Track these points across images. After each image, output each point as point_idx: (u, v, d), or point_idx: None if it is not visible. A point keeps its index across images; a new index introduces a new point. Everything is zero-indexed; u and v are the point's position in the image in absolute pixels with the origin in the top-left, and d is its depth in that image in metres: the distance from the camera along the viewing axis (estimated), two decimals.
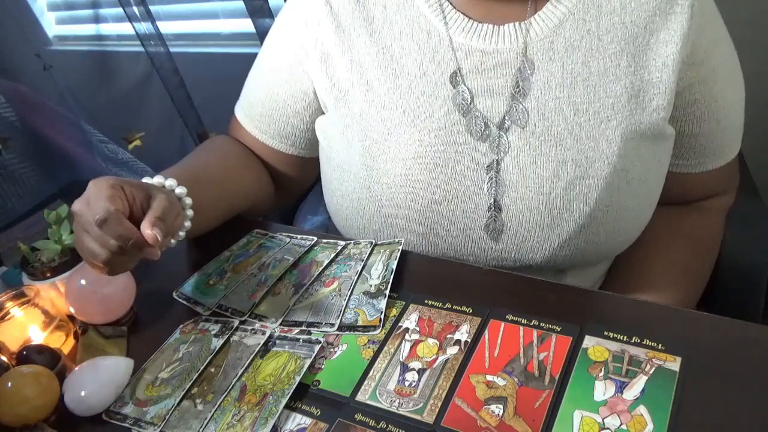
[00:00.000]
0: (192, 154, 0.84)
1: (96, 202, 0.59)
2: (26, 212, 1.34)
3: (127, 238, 0.58)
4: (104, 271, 0.60)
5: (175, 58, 1.71)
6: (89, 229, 0.58)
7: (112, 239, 0.57)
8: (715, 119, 0.73)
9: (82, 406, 0.61)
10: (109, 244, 0.58)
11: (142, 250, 0.59)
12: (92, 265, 0.61)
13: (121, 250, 0.58)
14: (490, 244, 0.71)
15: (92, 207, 0.59)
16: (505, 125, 0.68)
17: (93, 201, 0.59)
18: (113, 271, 0.60)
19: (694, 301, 0.77)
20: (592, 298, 0.65)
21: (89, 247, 0.59)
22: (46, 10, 2.07)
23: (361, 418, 0.54)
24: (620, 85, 0.66)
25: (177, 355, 0.65)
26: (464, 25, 0.69)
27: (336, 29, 0.73)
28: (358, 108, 0.73)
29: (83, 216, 0.59)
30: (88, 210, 0.59)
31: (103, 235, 0.57)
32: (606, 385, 0.52)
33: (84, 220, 0.59)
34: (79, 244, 0.61)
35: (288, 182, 0.90)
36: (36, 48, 1.97)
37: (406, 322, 0.63)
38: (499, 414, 0.52)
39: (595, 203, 0.67)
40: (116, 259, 0.59)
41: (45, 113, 1.63)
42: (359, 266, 0.69)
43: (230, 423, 0.56)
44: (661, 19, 0.66)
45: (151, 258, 0.60)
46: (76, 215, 0.60)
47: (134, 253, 0.59)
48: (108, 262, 0.59)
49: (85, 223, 0.59)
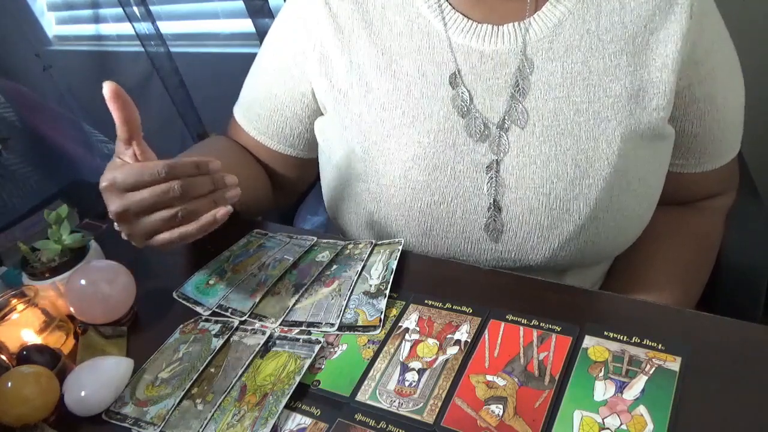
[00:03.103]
0: (186, 152, 0.84)
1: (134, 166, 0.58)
2: (26, 212, 1.34)
3: (205, 162, 0.58)
4: (175, 238, 0.59)
5: (175, 58, 1.71)
6: (149, 183, 0.57)
7: (177, 184, 0.57)
8: (714, 119, 0.73)
9: (82, 406, 0.61)
10: (176, 190, 0.57)
11: (224, 187, 0.60)
12: (160, 239, 0.59)
13: (196, 191, 0.58)
14: (490, 245, 0.71)
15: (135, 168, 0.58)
16: (505, 125, 0.68)
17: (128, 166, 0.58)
18: (189, 232, 0.59)
19: (694, 300, 0.77)
20: (592, 298, 0.65)
21: (156, 206, 0.58)
22: (46, 10, 2.07)
23: (361, 418, 0.55)
24: (620, 85, 0.66)
25: (177, 355, 0.65)
26: (463, 26, 0.69)
27: (335, 30, 0.73)
28: (357, 109, 0.73)
29: (131, 175, 0.57)
30: (137, 167, 0.58)
31: (171, 183, 0.57)
32: (606, 385, 0.52)
33: (136, 179, 0.57)
34: (138, 210, 0.58)
35: (287, 183, 0.90)
36: (36, 48, 1.97)
37: (406, 322, 0.63)
38: (499, 414, 0.52)
39: (595, 203, 0.67)
40: (192, 211, 0.59)
41: (45, 113, 1.63)
42: (359, 266, 0.69)
43: (230, 423, 0.56)
44: (661, 19, 0.66)
45: (233, 197, 0.61)
46: (116, 183, 0.58)
47: (209, 199, 0.60)
48: (186, 215, 0.58)
49: (141, 180, 0.57)
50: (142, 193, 0.58)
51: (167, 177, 0.58)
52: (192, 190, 0.59)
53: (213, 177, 0.61)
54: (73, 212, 0.84)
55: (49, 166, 1.55)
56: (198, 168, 0.60)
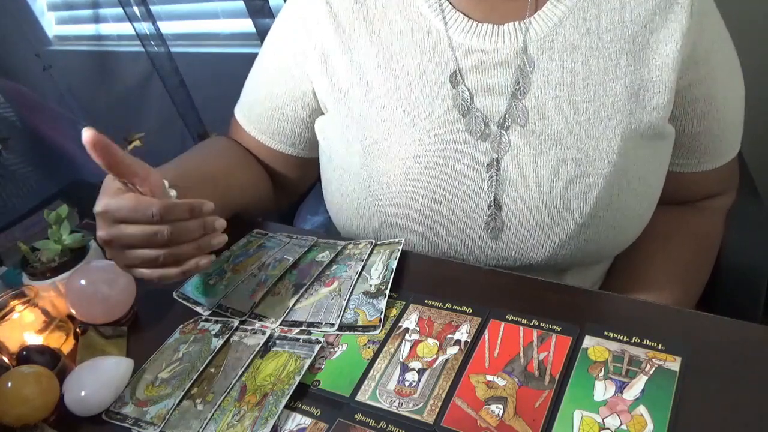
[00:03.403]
0: (186, 153, 0.84)
1: (132, 199, 0.58)
2: (26, 212, 1.34)
3: (199, 206, 0.59)
4: (154, 277, 0.60)
5: (175, 58, 1.71)
6: (140, 221, 0.57)
7: (167, 229, 0.57)
8: (714, 118, 0.73)
9: (82, 406, 0.61)
10: (164, 235, 0.57)
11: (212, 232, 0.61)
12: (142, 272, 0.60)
13: (184, 236, 0.59)
14: (490, 243, 0.71)
15: (130, 201, 0.58)
16: (506, 124, 0.68)
17: (124, 198, 0.58)
18: (169, 275, 0.60)
19: (693, 300, 0.77)
20: (592, 298, 0.65)
21: (143, 244, 0.58)
22: (46, 10, 2.07)
23: (361, 418, 0.54)
24: (620, 84, 0.66)
25: (177, 355, 0.65)
26: (464, 25, 0.69)
27: (335, 29, 0.73)
28: (358, 108, 0.73)
29: (124, 208, 0.57)
30: (133, 202, 0.58)
31: (161, 227, 0.57)
32: (606, 385, 0.52)
33: (127, 214, 0.57)
34: (124, 244, 0.59)
35: (288, 183, 0.90)
36: (36, 48, 1.97)
37: (406, 322, 0.63)
38: (499, 414, 0.52)
39: (595, 202, 0.67)
40: (175, 255, 0.59)
41: (45, 113, 1.63)
42: (359, 266, 0.69)
43: (230, 423, 0.56)
44: (661, 18, 0.66)
45: (218, 244, 0.61)
46: (108, 212, 0.58)
47: (194, 244, 0.60)
48: (168, 259, 0.59)
49: (133, 217, 0.57)
50: (131, 228, 0.58)
51: (159, 220, 0.58)
52: (180, 236, 0.59)
53: (204, 220, 0.61)
54: (73, 212, 0.84)
55: (49, 166, 1.55)
56: (191, 212, 0.60)
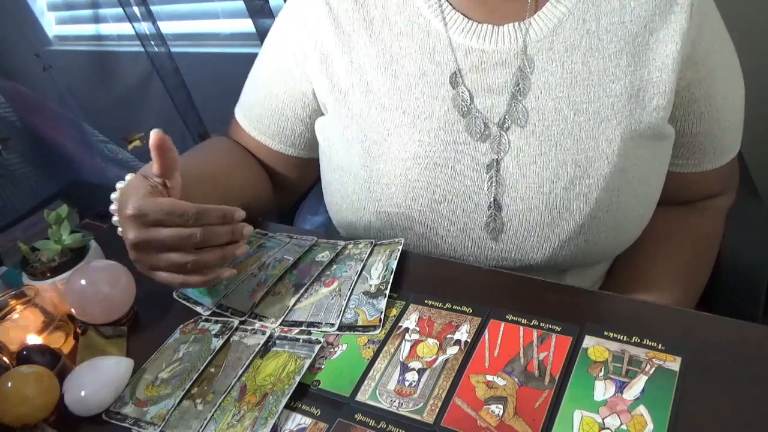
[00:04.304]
0: (186, 153, 0.84)
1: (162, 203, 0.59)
2: (26, 212, 1.34)
3: (231, 212, 0.60)
4: (176, 282, 0.62)
5: (175, 58, 1.71)
6: (176, 224, 0.59)
7: (199, 232, 0.59)
8: (714, 119, 0.73)
9: (82, 406, 0.61)
10: (197, 237, 0.59)
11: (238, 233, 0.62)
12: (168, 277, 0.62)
13: (213, 241, 0.61)
14: (490, 244, 0.71)
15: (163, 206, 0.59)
16: (506, 125, 0.68)
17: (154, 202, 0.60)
18: (191, 282, 0.62)
19: (693, 300, 0.77)
20: (592, 298, 0.65)
21: (175, 247, 0.60)
22: (46, 10, 2.07)
23: (361, 418, 0.54)
24: (620, 85, 0.66)
25: (177, 355, 0.65)
26: (464, 26, 0.69)
27: (335, 30, 0.73)
28: (358, 109, 0.73)
29: (161, 211, 0.59)
30: (169, 205, 0.59)
31: (194, 230, 0.59)
32: (606, 385, 0.52)
33: (164, 216, 0.59)
34: (156, 246, 0.60)
35: (288, 183, 0.90)
36: (36, 48, 1.97)
37: (406, 322, 0.63)
38: (499, 414, 0.52)
39: (595, 203, 0.67)
40: (200, 263, 0.61)
41: (45, 113, 1.63)
42: (359, 266, 0.69)
43: (230, 423, 0.56)
44: (661, 19, 0.66)
45: (242, 255, 0.63)
46: (144, 215, 0.59)
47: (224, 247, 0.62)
48: (194, 266, 0.60)
49: (170, 219, 0.59)
50: (166, 231, 0.60)
51: (195, 222, 0.60)
52: (211, 240, 0.61)
53: (233, 227, 0.63)
54: (73, 212, 0.84)
55: (49, 166, 1.55)
56: (224, 218, 0.62)
